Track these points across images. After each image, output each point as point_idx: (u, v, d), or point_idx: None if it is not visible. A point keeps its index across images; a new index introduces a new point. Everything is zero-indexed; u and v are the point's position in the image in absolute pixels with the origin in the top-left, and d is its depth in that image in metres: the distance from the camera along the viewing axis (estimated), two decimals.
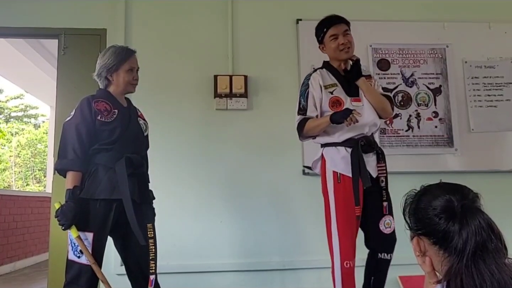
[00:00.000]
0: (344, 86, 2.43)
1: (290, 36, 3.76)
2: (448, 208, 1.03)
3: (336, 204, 2.30)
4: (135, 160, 2.24)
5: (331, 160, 2.36)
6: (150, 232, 2.26)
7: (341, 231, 2.27)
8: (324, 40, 2.49)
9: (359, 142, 2.33)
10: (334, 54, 2.46)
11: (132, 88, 2.40)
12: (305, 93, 2.43)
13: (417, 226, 1.09)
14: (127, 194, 2.13)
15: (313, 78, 2.45)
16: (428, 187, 1.12)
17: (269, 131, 3.62)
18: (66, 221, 2.04)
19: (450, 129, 3.71)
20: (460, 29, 3.89)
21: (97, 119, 2.20)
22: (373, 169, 2.36)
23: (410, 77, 3.78)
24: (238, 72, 3.65)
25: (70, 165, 2.13)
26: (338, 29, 2.45)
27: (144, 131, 2.42)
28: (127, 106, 2.40)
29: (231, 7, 3.73)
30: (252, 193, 3.52)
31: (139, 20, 3.66)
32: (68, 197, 2.08)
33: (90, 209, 2.12)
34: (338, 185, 2.31)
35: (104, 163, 2.18)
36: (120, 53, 2.33)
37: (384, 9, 3.89)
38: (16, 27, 3.54)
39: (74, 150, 2.13)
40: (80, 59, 3.45)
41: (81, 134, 2.15)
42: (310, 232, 3.47)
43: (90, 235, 2.11)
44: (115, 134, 2.22)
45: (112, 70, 2.31)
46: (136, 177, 2.25)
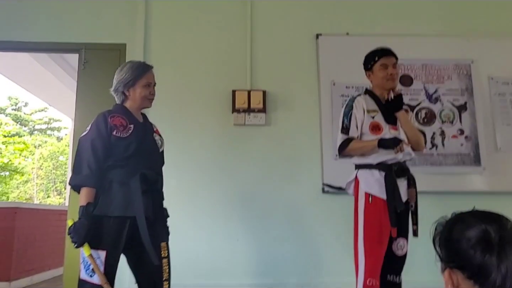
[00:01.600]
0: (384, 114, 2.52)
1: (309, 51, 3.70)
2: (485, 239, 0.93)
3: (365, 223, 2.36)
4: (150, 177, 2.19)
5: (365, 181, 2.44)
6: (164, 252, 2.20)
7: (368, 249, 2.32)
8: (373, 68, 2.58)
9: (393, 167, 2.41)
10: (380, 82, 2.54)
11: (149, 103, 2.36)
12: (349, 114, 2.52)
13: (450, 258, 0.99)
14: (141, 211, 2.07)
15: (357, 101, 2.54)
16: (460, 215, 1.02)
17: (287, 148, 3.55)
18: (78, 238, 1.99)
19: (476, 147, 3.58)
20: (486, 44, 3.79)
21: (113, 135, 2.16)
22: (403, 193, 2.43)
23: (434, 93, 3.68)
24: (257, 87, 3.60)
25: (84, 181, 2.09)
26: (388, 60, 2.55)
27: (159, 147, 2.37)
28: (143, 121, 2.36)
29: (250, 21, 3.70)
30: (269, 211, 3.44)
31: (158, 35, 3.66)
32: (81, 214, 2.03)
33: (104, 227, 2.06)
34: (369, 205, 2.38)
35: (119, 179, 2.13)
36: (137, 68, 2.30)
37: (406, 24, 3.81)
38: (39, 42, 3.58)
39: (89, 165, 2.09)
40: (100, 73, 3.45)
41: (97, 150, 2.11)
42: (328, 253, 3.37)
43: (103, 254, 2.05)
44: (130, 149, 2.17)
45: (129, 85, 2.28)
46: (150, 194, 2.19)
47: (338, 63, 3.68)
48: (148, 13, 3.68)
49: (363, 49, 3.63)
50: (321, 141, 3.54)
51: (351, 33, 3.74)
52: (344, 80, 3.64)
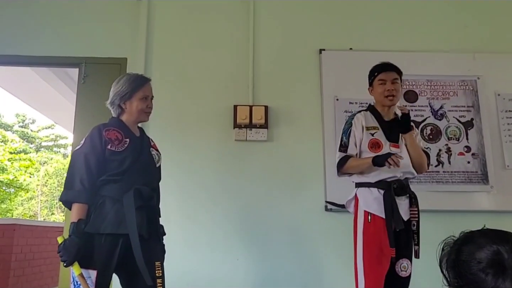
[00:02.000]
0: (385, 131, 2.48)
1: (312, 66, 3.65)
2: (497, 261, 0.85)
3: (364, 243, 2.31)
4: (144, 193, 2.11)
5: (364, 200, 2.40)
6: (158, 271, 2.11)
7: (367, 270, 2.27)
8: (373, 83, 2.55)
9: (392, 185, 2.35)
10: (379, 98, 2.52)
11: (146, 117, 2.30)
12: (348, 132, 2.49)
13: (458, 283, 0.90)
14: (134, 228, 1.99)
15: (356, 118, 2.51)
16: (469, 234, 0.94)
17: (290, 164, 3.47)
18: (68, 257, 1.91)
19: (484, 165, 3.48)
20: (492, 60, 3.71)
21: (107, 149, 2.09)
22: (404, 212, 2.37)
23: (439, 109, 3.60)
24: (259, 102, 3.54)
25: (76, 196, 2.02)
26: (388, 75, 2.51)
27: (156, 162, 2.30)
28: (139, 135, 2.30)
29: (252, 36, 3.66)
30: (271, 230, 3.34)
31: (159, 50, 3.62)
32: (72, 231, 1.96)
33: (95, 245, 1.99)
34: (368, 225, 2.34)
35: (112, 195, 2.06)
36: (134, 80, 2.25)
37: (410, 40, 3.76)
38: (38, 56, 3.55)
39: (81, 181, 2.02)
40: (100, 88, 3.39)
41: (90, 164, 2.05)
42: (331, 272, 3.26)
43: (94, 273, 1.97)
44: (125, 164, 2.11)
45: (125, 98, 2.22)
46: (145, 210, 2.11)
47: (341, 78, 3.62)
48: (150, 27, 3.65)
49: (367, 64, 3.56)
50: (324, 157, 3.46)
51: (355, 48, 3.69)
52: (348, 95, 3.57)
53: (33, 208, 18.10)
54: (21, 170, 17.70)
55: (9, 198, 17.41)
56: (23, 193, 17.82)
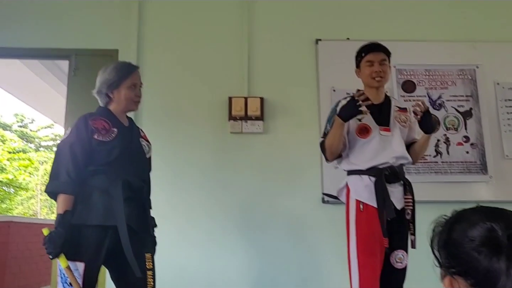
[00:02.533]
0: (375, 115, 2.36)
1: (309, 56, 3.58)
2: (491, 239, 0.79)
3: (357, 234, 2.21)
4: (134, 183, 2.06)
5: (355, 188, 2.30)
6: (149, 263, 2.06)
7: (362, 263, 2.16)
8: (360, 64, 2.46)
9: (383, 172, 2.24)
10: (366, 80, 2.42)
11: (134, 106, 2.24)
12: (332, 119, 2.36)
13: (450, 263, 0.85)
14: (122, 220, 1.94)
15: (341, 104, 2.37)
16: (462, 212, 0.88)
17: (286, 156, 3.41)
18: (54, 249, 1.86)
19: (483, 155, 3.42)
20: (491, 49, 3.66)
21: (94, 138, 2.03)
22: (398, 200, 2.27)
23: (438, 99, 3.54)
24: (254, 93, 3.48)
25: (62, 187, 1.96)
26: (375, 56, 2.40)
27: (146, 153, 2.25)
28: (128, 125, 2.24)
29: (247, 26, 3.60)
30: (267, 223, 3.29)
31: (151, 41, 3.56)
32: (58, 223, 1.90)
33: (82, 237, 1.94)
34: (360, 214, 2.23)
35: (99, 186, 2.01)
36: (122, 68, 2.19)
37: (408, 29, 3.70)
38: (27, 48, 3.49)
39: (67, 171, 1.96)
40: (91, 80, 3.27)
41: (76, 155, 1.99)
42: (330, 266, 3.21)
43: (81, 265, 1.92)
44: (113, 154, 2.05)
45: (113, 86, 2.16)
46: (134, 202, 2.06)
47: (338, 69, 3.55)
48: (142, 18, 3.58)
49: None
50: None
51: (352, 38, 3.62)
52: (345, 86, 3.49)
53: (33, 207, 18.06)
54: (20, 170, 17.66)
55: (9, 198, 17.37)
56: (23, 193, 17.78)
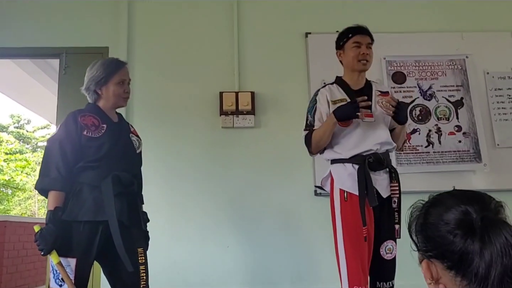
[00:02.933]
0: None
1: (299, 50, 3.59)
2: (465, 222, 0.80)
3: (343, 225, 2.14)
4: (124, 179, 2.06)
5: (338, 177, 2.22)
6: (141, 258, 2.07)
7: (349, 254, 2.10)
8: (345, 45, 2.34)
9: (367, 159, 2.16)
10: (351, 62, 2.31)
11: (123, 102, 2.24)
12: (313, 109, 2.31)
13: (427, 247, 0.86)
14: (113, 215, 1.94)
15: (321, 94, 2.33)
16: (438, 196, 0.89)
17: (278, 150, 3.42)
18: (45, 245, 1.87)
19: (476, 143, 3.43)
20: (480, 39, 3.67)
21: (83, 134, 2.04)
22: (383, 188, 2.19)
23: (428, 90, 3.55)
24: (245, 88, 3.48)
25: (52, 184, 1.96)
26: (363, 39, 2.32)
27: (136, 148, 2.25)
28: (118, 121, 2.25)
29: (237, 21, 3.60)
30: (260, 216, 3.31)
31: (142, 38, 3.56)
32: (49, 220, 1.91)
33: (73, 233, 1.94)
34: (345, 204, 2.16)
35: (90, 181, 2.01)
36: (110, 65, 2.18)
37: (398, 21, 3.71)
38: (17, 47, 3.48)
39: (57, 168, 1.96)
40: (82, 78, 3.30)
41: (65, 151, 1.99)
42: (323, 257, 3.22)
43: (73, 261, 1.93)
44: (102, 150, 2.05)
45: (101, 83, 2.15)
46: (125, 197, 2.06)
47: (328, 62, 3.50)
48: (131, 15, 3.58)
49: None
50: None
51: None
52: None
53: (31, 207, 18.03)
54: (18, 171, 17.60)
55: (6, 199, 17.33)
56: (20, 193, 17.74)
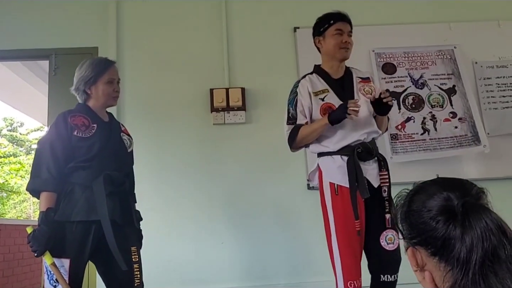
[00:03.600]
0: (337, 91, 2.23)
1: (288, 45, 3.60)
2: (446, 208, 0.82)
3: (335, 219, 2.09)
4: (115, 178, 2.07)
5: (327, 170, 2.16)
6: (135, 256, 2.08)
7: (342, 248, 2.06)
8: (325, 32, 2.27)
9: (356, 149, 2.11)
10: (333, 50, 2.25)
11: (113, 101, 2.24)
12: (294, 101, 2.26)
13: (411, 234, 0.87)
14: (105, 214, 1.95)
15: (301, 85, 2.26)
16: (422, 184, 0.91)
17: (270, 145, 3.42)
18: (38, 246, 1.88)
19: (473, 127, 3.42)
20: (468, 29, 3.69)
21: (74, 135, 2.04)
22: (373, 178, 2.13)
23: (420, 78, 3.56)
24: (235, 84, 3.49)
25: (43, 185, 1.96)
26: (345, 26, 2.26)
27: (128, 147, 2.25)
28: (108, 120, 2.25)
29: (225, 17, 3.59)
30: (254, 212, 3.32)
31: (131, 36, 3.55)
32: (41, 221, 1.92)
33: (66, 233, 1.95)
34: (336, 198, 2.11)
35: (81, 182, 2.02)
36: (98, 64, 2.19)
37: (385, 13, 3.72)
38: (6, 50, 3.47)
39: (48, 169, 1.96)
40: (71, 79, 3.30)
41: (56, 152, 1.99)
42: (318, 251, 3.20)
43: (67, 262, 1.93)
44: (93, 150, 2.06)
45: (90, 82, 2.15)
46: (117, 196, 2.07)
47: (317, 56, 3.49)
48: (120, 14, 3.57)
49: None
50: None
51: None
52: None
53: (26, 210, 17.96)
54: (12, 174, 17.50)
55: (1, 202, 17.25)
56: (15, 196, 17.66)
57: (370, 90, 2.27)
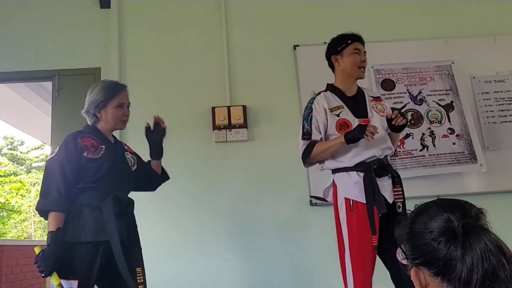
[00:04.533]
0: (351, 108, 2.30)
1: (288, 62, 3.65)
2: (447, 229, 0.84)
3: (350, 234, 2.12)
4: (122, 199, 2.10)
5: (343, 186, 2.20)
6: (140, 278, 2.08)
7: (355, 264, 2.08)
8: (344, 51, 2.36)
9: (372, 166, 2.16)
10: (350, 69, 2.33)
11: (122, 125, 2.28)
12: (309, 117, 2.30)
13: (414, 255, 0.90)
14: (115, 235, 1.97)
15: (316, 102, 2.32)
16: (423, 206, 0.93)
17: (272, 162, 3.45)
18: (46, 267, 1.88)
19: (470, 144, 3.46)
20: (465, 44, 3.75)
21: (83, 156, 2.07)
22: (388, 194, 2.18)
23: (418, 94, 3.61)
24: (236, 102, 3.53)
25: (52, 205, 1.97)
26: (361, 47, 2.37)
27: (131, 166, 2.28)
28: (115, 141, 2.29)
29: (225, 36, 3.65)
30: (257, 229, 3.33)
31: (133, 57, 3.61)
32: (50, 241, 1.92)
33: (75, 254, 1.96)
34: (351, 213, 2.14)
35: (90, 202, 2.03)
36: (109, 88, 2.22)
37: (384, 30, 3.78)
38: (10, 72, 3.51)
39: (57, 189, 1.97)
40: (75, 99, 3.35)
41: (66, 172, 2.00)
42: (322, 267, 3.24)
43: (75, 283, 1.94)
44: (101, 171, 2.08)
45: (100, 106, 2.19)
46: (124, 217, 2.09)
47: (317, 73, 3.55)
48: (121, 35, 3.62)
49: None
50: None
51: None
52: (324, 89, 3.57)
53: (27, 229, 17.90)
54: (12, 193, 17.49)
55: (2, 222, 17.20)
56: (16, 216, 17.62)
57: (382, 108, 2.37)
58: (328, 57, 2.44)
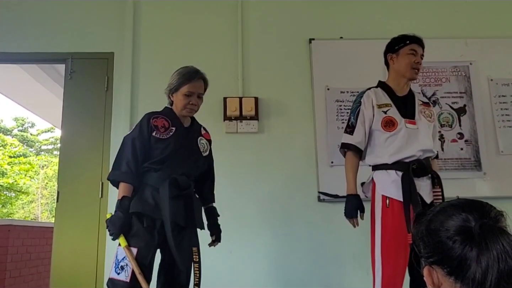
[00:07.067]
0: (399, 107, 2.32)
1: (302, 56, 3.61)
2: (464, 228, 0.82)
3: (383, 230, 2.16)
4: (182, 182, 2.17)
5: (381, 184, 2.25)
6: (195, 256, 2.20)
7: (385, 260, 2.11)
8: (400, 51, 2.38)
9: (411, 165, 2.20)
10: (404, 68, 2.36)
11: (187, 113, 2.32)
12: (356, 111, 2.34)
13: (428, 253, 0.87)
14: (167, 217, 2.07)
15: (366, 96, 2.34)
16: (443, 205, 0.91)
17: (281, 155, 3.43)
18: (114, 229, 2.03)
19: (477, 152, 3.44)
20: (484, 45, 3.68)
21: (152, 135, 2.18)
22: (426, 194, 2.22)
23: (432, 96, 3.56)
24: (249, 94, 3.50)
25: (121, 176, 2.13)
26: (419, 49, 2.39)
27: (203, 151, 2.35)
28: (189, 125, 2.36)
29: (241, 27, 3.62)
30: (263, 221, 3.31)
31: (147, 43, 3.59)
32: (117, 207, 2.08)
33: (134, 224, 2.09)
34: (386, 210, 2.19)
35: (151, 183, 2.15)
36: (184, 75, 2.31)
37: (401, 27, 3.66)
38: (24, 53, 3.51)
39: (127, 163, 2.12)
40: (87, 83, 3.38)
41: (136, 149, 2.15)
42: (329, 263, 3.23)
43: (135, 251, 2.06)
44: (166, 152, 2.18)
45: (172, 90, 2.30)
46: (182, 199, 2.17)
47: (332, 67, 3.58)
48: (137, 21, 3.61)
49: (357, 53, 3.57)
50: (315, 148, 3.42)
51: (345, 37, 3.65)
52: (338, 85, 3.53)
53: (34, 211, 18.09)
54: (21, 174, 17.67)
55: (10, 202, 17.40)
56: (24, 197, 17.81)
57: (430, 114, 2.40)
58: (384, 54, 2.47)
